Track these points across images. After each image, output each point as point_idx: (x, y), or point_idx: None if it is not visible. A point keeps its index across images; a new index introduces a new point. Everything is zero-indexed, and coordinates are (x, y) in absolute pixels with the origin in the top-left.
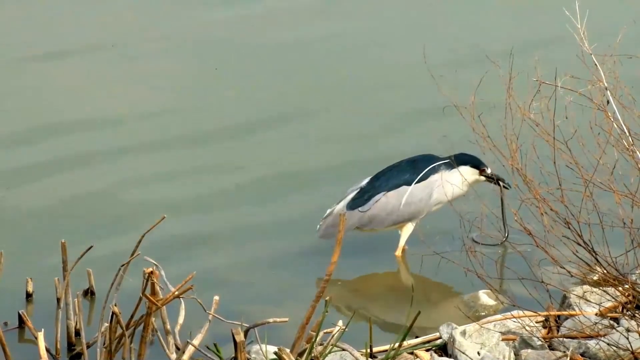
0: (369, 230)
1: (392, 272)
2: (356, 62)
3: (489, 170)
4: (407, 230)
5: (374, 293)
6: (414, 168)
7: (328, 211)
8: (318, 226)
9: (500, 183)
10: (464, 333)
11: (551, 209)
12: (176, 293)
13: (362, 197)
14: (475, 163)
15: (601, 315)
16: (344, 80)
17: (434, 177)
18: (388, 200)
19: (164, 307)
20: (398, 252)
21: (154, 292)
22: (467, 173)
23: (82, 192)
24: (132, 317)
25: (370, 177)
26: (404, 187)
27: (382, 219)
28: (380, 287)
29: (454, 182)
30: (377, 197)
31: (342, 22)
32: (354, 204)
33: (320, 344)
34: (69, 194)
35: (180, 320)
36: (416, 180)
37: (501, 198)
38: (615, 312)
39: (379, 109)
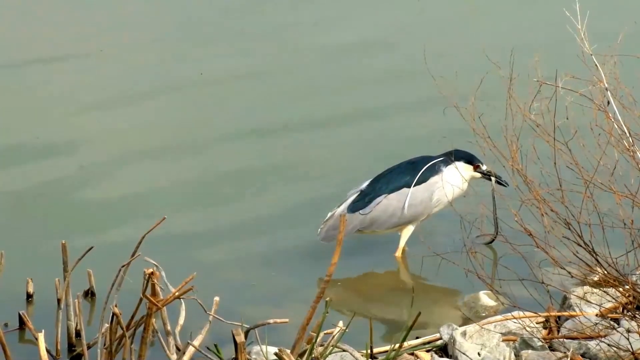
0: (370, 232)
1: (392, 272)
2: (355, 62)
3: (484, 167)
4: (408, 231)
5: (374, 294)
6: (413, 170)
7: (329, 214)
8: (319, 229)
9: (494, 179)
10: (464, 334)
11: (551, 210)
12: (177, 294)
13: (363, 200)
14: (469, 159)
15: (602, 316)
16: (343, 80)
17: (434, 179)
18: (389, 203)
19: (165, 308)
20: (398, 253)
21: (154, 293)
22: (461, 169)
23: (83, 193)
24: (132, 317)
25: (370, 180)
26: (405, 189)
27: (383, 222)
28: (380, 287)
29: (453, 181)
30: (378, 199)
31: (341, 21)
32: (354, 207)
33: (321, 345)
34: (70, 194)
35: (181, 321)
36: (415, 183)
37: (492, 195)
38: (616, 312)
39: (379, 110)
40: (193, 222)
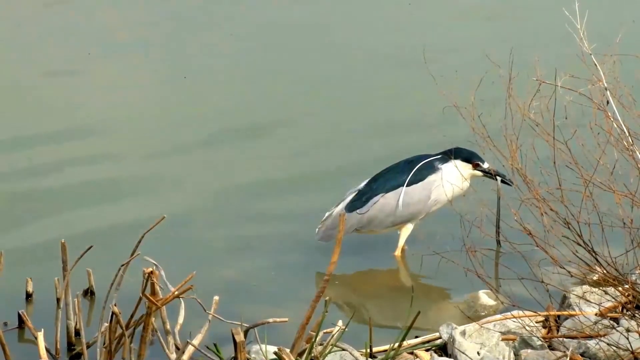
0: (367, 231)
1: (391, 272)
2: (356, 62)
3: (485, 165)
4: (407, 230)
5: (373, 293)
6: (411, 169)
7: (327, 214)
8: (317, 229)
9: (499, 179)
10: (463, 333)
11: (551, 209)
12: (176, 293)
13: (360, 199)
14: (468, 157)
15: (601, 315)
16: (344, 79)
17: (431, 177)
18: (386, 202)
19: (164, 307)
20: (397, 253)
21: (153, 292)
22: (460, 167)
23: (82, 192)
24: (132, 317)
25: (368, 179)
26: (402, 188)
27: (381, 221)
28: (379, 286)
29: (452, 179)
30: (375, 198)
31: (341, 21)
32: (352, 206)
33: (320, 344)
34: (69, 194)
35: (180, 320)
36: (409, 182)
37: (497, 197)
38: (615, 312)
39: (379, 110)
40: (192, 221)
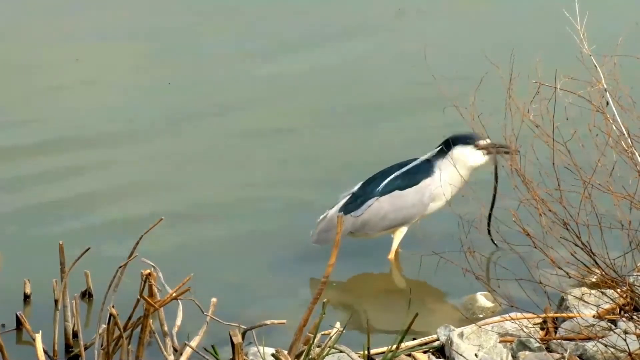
0: (362, 235)
1: (389, 274)
2: (357, 61)
3: (487, 141)
4: (400, 234)
5: (371, 295)
6: (405, 172)
7: (321, 217)
8: (311, 232)
9: (495, 150)
10: (461, 335)
11: (550, 210)
12: (174, 295)
13: (355, 202)
14: (466, 139)
15: (599, 317)
16: (344, 77)
17: (426, 181)
18: (380, 205)
19: (162, 308)
20: (391, 256)
21: (151, 294)
22: (464, 154)
23: (80, 193)
24: (129, 318)
25: (362, 182)
26: (397, 191)
27: (375, 224)
28: (377, 289)
29: (448, 180)
30: (369, 202)
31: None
32: (346, 209)
33: (318, 346)
34: (67, 194)
35: (178, 322)
36: (406, 185)
37: (495, 173)
38: (613, 314)
39: (378, 110)
40: (190, 223)
